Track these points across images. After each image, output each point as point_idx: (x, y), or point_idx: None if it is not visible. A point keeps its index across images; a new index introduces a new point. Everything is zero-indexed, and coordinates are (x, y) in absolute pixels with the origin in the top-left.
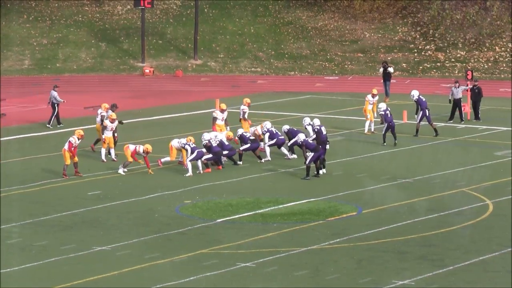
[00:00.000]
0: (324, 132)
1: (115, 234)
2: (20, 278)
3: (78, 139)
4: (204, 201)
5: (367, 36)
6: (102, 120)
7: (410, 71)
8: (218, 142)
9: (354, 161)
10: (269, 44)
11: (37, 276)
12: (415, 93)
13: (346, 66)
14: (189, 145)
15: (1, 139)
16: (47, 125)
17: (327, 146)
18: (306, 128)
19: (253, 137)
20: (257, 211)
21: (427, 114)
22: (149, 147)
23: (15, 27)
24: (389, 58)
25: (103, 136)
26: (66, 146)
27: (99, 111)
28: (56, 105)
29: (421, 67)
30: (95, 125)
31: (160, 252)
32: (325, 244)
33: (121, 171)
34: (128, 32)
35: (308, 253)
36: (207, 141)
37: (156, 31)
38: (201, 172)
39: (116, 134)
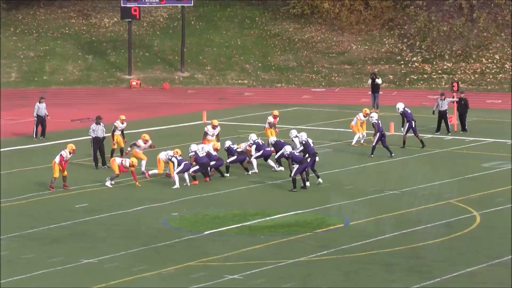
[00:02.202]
0: (312, 145)
1: (102, 247)
2: None
3: (70, 153)
4: (191, 214)
5: (354, 48)
6: (114, 131)
7: (397, 83)
8: (205, 153)
9: (342, 173)
10: (256, 56)
11: None
12: (400, 106)
13: (333, 78)
14: (175, 157)
15: None
16: (34, 138)
17: (317, 158)
18: (293, 140)
19: (241, 150)
20: (244, 224)
21: (413, 126)
22: (134, 160)
23: (1, 40)
24: (376, 70)
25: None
26: (57, 159)
27: (116, 122)
28: (41, 117)
29: (408, 79)
30: (79, 139)
31: (147, 264)
32: (312, 256)
33: (108, 183)
34: (115, 45)
35: (295, 265)
36: (193, 153)
37: (143, 44)
38: (188, 184)
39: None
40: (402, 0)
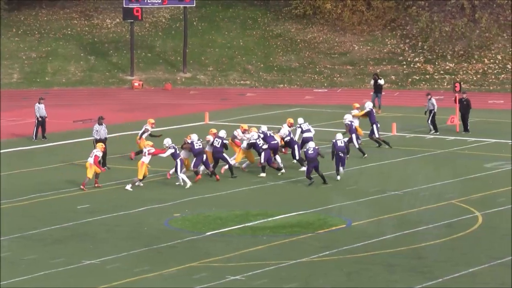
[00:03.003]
0: (340, 143)
1: (104, 248)
2: None
3: (102, 152)
4: (193, 214)
5: (356, 48)
6: (143, 134)
7: (399, 83)
8: (201, 145)
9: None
10: (258, 57)
11: None
12: (369, 105)
13: (335, 78)
14: (173, 146)
15: None
16: (34, 139)
17: (347, 155)
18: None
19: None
20: (246, 224)
21: (378, 127)
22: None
23: (3, 41)
24: (378, 71)
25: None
26: (91, 160)
27: (145, 126)
28: (42, 118)
29: (410, 79)
30: (81, 140)
31: (149, 265)
32: (314, 257)
33: (128, 187)
34: (117, 46)
35: (297, 266)
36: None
37: (145, 44)
38: (189, 184)
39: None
40: (404, 1)
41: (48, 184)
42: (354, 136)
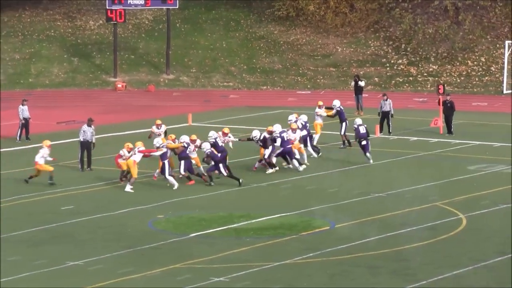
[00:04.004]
0: (362, 130)
1: (88, 249)
2: None
3: (128, 152)
4: (177, 216)
5: (339, 50)
6: (149, 137)
7: (383, 85)
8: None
9: (327, 175)
10: (241, 59)
11: None
12: (337, 103)
13: (318, 80)
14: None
15: None
16: (17, 140)
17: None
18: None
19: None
20: (230, 226)
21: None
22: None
23: None
24: (361, 72)
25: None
26: (137, 158)
27: (152, 127)
28: (25, 119)
29: (393, 81)
30: (65, 141)
31: (133, 266)
32: (298, 259)
33: (128, 188)
34: (100, 47)
35: (281, 268)
36: (213, 140)
37: (128, 46)
38: (174, 185)
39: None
40: (388, 3)
41: (32, 185)
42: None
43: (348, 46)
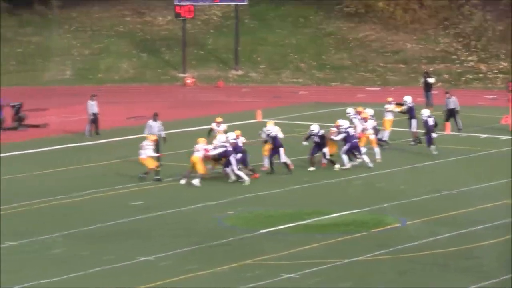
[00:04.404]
0: (431, 122)
1: (156, 245)
2: None
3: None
4: (247, 212)
5: (408, 47)
6: (210, 133)
7: (452, 82)
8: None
9: (397, 172)
10: (310, 55)
11: (80, 287)
12: (408, 99)
13: (387, 77)
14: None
15: (42, 149)
16: (87, 135)
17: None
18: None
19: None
20: (300, 222)
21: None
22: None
23: (56, 38)
24: (431, 69)
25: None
26: (200, 154)
27: (212, 124)
28: (94, 115)
29: (463, 78)
30: (133, 137)
31: (202, 263)
32: (368, 256)
33: (196, 182)
34: (169, 43)
35: (351, 265)
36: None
37: (197, 42)
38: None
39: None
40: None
41: (102, 180)
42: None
43: (417, 43)
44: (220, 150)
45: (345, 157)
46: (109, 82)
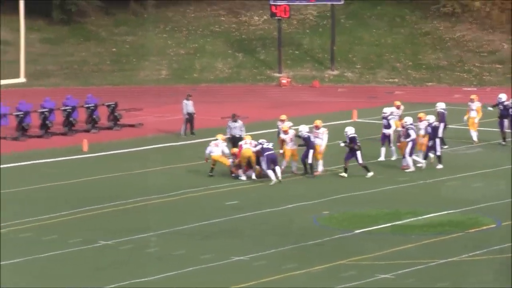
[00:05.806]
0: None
1: (251, 244)
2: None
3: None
4: (341, 212)
5: (505, 47)
6: (279, 134)
7: None
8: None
9: (491, 173)
10: (406, 55)
11: (175, 286)
12: (503, 96)
13: (484, 77)
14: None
15: (137, 149)
16: (183, 135)
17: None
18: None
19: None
20: (396, 222)
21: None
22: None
23: (152, 37)
24: None
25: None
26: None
27: (278, 123)
28: (190, 114)
29: None
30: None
31: (297, 262)
32: (464, 257)
33: (244, 177)
34: (265, 43)
35: (447, 265)
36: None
37: (292, 42)
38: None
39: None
40: None
41: (197, 180)
42: (442, 125)
43: None
44: (258, 147)
45: (409, 160)
46: (204, 82)
